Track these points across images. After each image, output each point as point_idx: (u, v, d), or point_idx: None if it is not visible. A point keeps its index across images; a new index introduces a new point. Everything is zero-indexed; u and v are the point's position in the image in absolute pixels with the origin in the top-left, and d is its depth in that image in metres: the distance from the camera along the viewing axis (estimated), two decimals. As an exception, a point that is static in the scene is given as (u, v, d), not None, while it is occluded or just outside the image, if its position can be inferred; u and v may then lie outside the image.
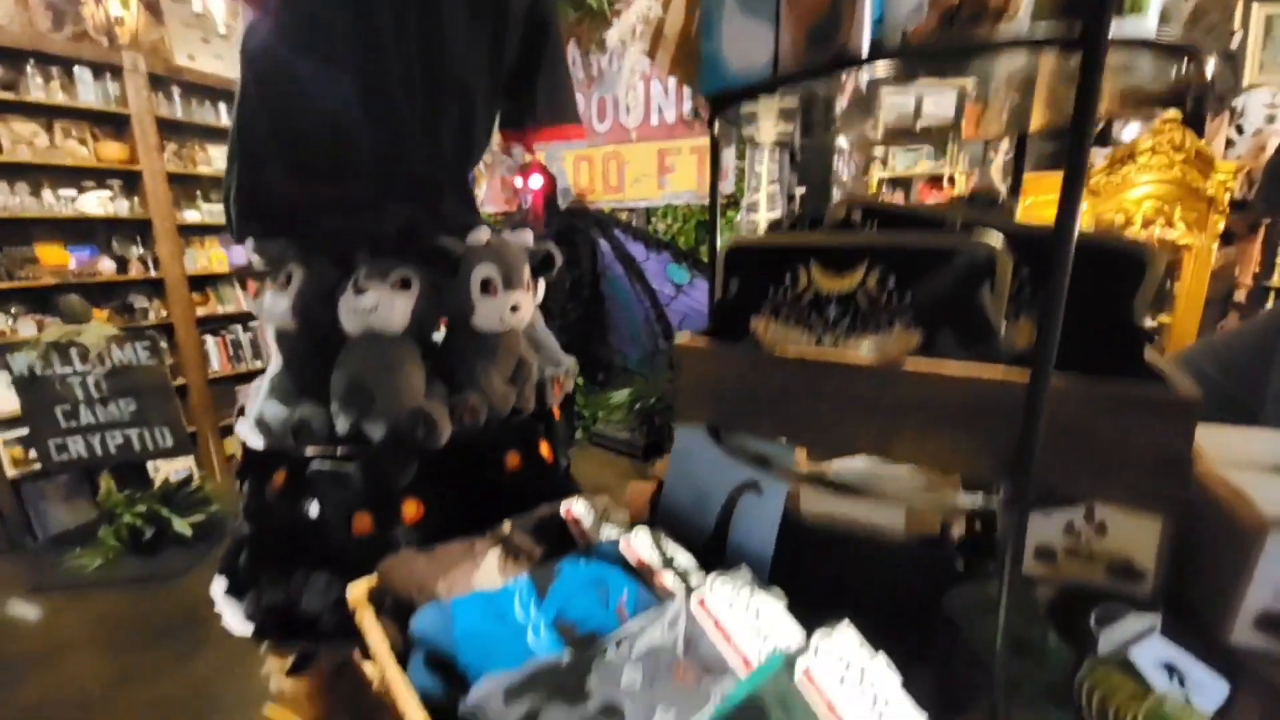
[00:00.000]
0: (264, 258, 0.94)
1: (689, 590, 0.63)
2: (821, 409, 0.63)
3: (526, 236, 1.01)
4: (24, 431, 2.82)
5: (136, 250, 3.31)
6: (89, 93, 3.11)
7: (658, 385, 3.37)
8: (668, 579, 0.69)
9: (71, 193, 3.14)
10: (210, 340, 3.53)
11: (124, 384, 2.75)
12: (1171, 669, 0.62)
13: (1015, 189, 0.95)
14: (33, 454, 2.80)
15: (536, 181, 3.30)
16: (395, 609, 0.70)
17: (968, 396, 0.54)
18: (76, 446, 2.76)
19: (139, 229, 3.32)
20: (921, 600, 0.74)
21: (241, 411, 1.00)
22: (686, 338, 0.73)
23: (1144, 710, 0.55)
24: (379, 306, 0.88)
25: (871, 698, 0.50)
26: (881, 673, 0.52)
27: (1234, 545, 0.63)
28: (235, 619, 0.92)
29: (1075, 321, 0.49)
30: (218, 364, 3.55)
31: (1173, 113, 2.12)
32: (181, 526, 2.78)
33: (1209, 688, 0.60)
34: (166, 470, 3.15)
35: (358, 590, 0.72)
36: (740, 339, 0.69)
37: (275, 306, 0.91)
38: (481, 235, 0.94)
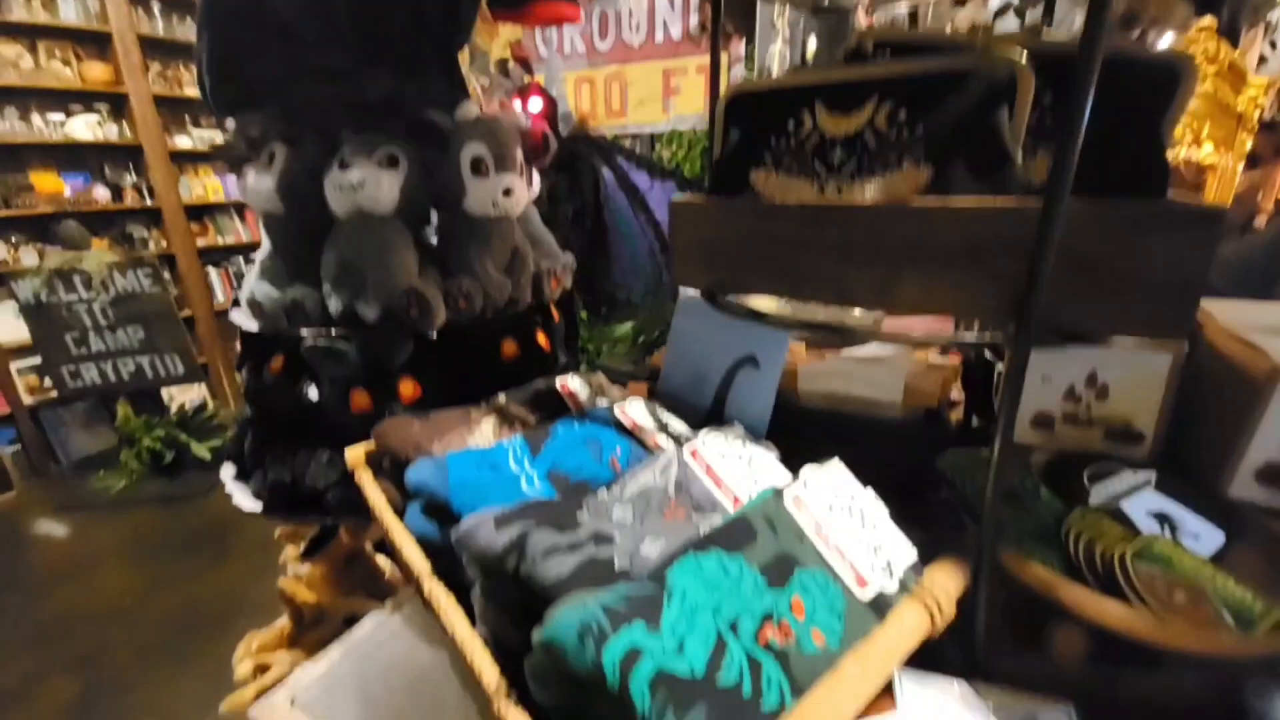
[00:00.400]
0: (244, 137, 0.91)
1: (681, 445, 0.63)
2: (821, 262, 0.60)
3: (519, 118, 0.97)
4: (37, 360, 2.87)
5: (130, 178, 3.26)
6: (70, 10, 2.98)
7: (661, 318, 3.34)
8: (661, 440, 0.69)
9: (60, 117, 3.07)
10: (213, 272, 3.52)
11: (130, 311, 2.76)
12: (1164, 519, 0.62)
13: (1049, 9, 0.90)
14: (48, 382, 2.85)
15: (535, 105, 3.16)
16: (393, 470, 0.71)
17: (976, 231, 0.52)
18: (89, 373, 2.80)
19: (130, 155, 3.25)
20: (918, 473, 0.74)
21: (236, 302, 0.99)
22: (683, 197, 0.70)
23: (1132, 549, 0.55)
24: (366, 183, 0.85)
25: (860, 521, 0.50)
26: (871, 501, 0.52)
27: (1241, 396, 0.61)
28: (245, 498, 0.94)
29: (1096, 142, 0.45)
30: (222, 296, 3.55)
31: (1208, 20, 1.97)
32: (200, 450, 2.86)
33: (1203, 537, 0.60)
34: (181, 398, 3.21)
35: (355, 453, 0.73)
36: (739, 195, 0.66)
37: (259, 186, 0.88)
38: (470, 110, 0.90)
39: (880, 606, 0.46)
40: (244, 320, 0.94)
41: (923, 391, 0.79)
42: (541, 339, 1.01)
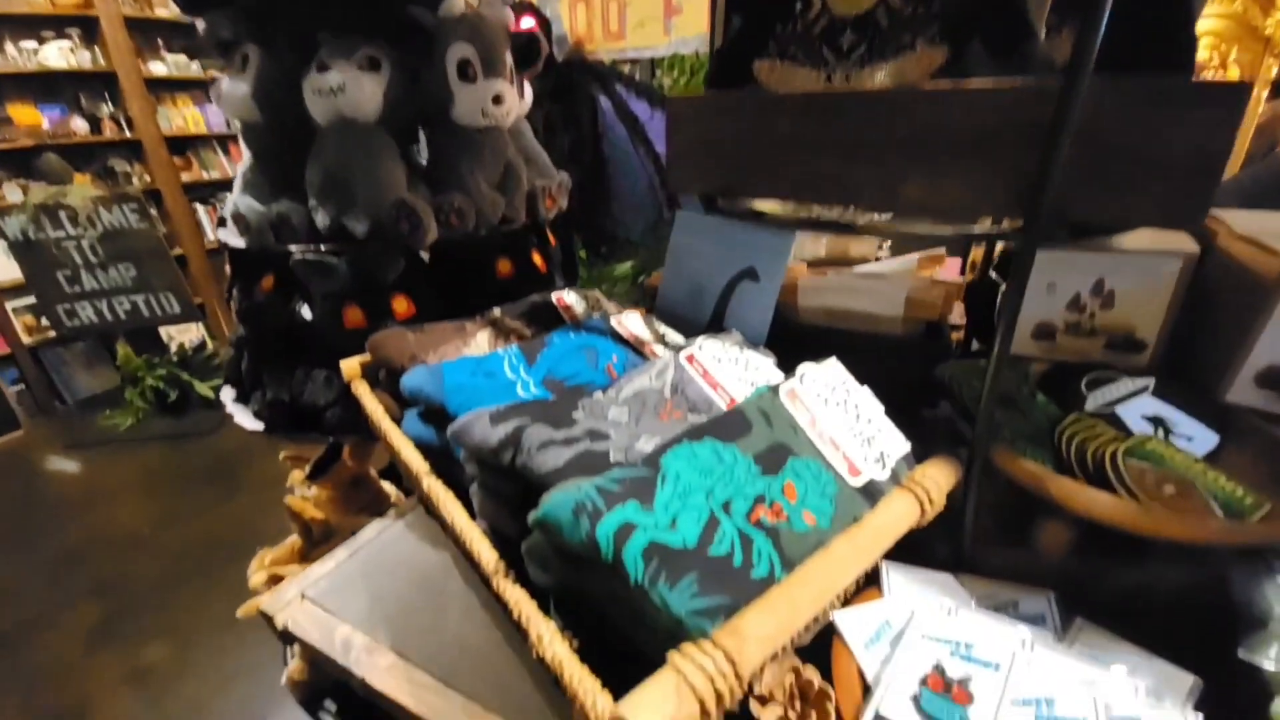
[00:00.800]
0: (214, 39, 0.85)
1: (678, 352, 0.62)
2: (825, 160, 0.58)
3: (505, 13, 0.90)
4: (32, 300, 2.84)
5: (107, 108, 3.12)
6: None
7: (663, 256, 3.28)
8: (658, 350, 0.68)
9: (32, 44, 2.92)
10: (201, 209, 3.43)
11: (119, 248, 2.72)
12: (1158, 422, 0.62)
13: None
14: (45, 321, 2.83)
15: (527, 25, 2.99)
16: (389, 382, 0.71)
17: (989, 116, 0.49)
18: (85, 312, 2.78)
19: (105, 83, 3.11)
20: (917, 388, 0.74)
21: (222, 222, 0.97)
22: (682, 95, 0.66)
23: (1124, 447, 0.55)
24: (346, 87, 0.80)
25: (855, 415, 0.50)
26: (866, 398, 0.52)
27: (1248, 298, 0.60)
28: (246, 418, 0.94)
29: (1122, 13, 0.42)
30: (212, 234, 3.48)
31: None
32: (204, 389, 2.88)
33: (1197, 439, 0.60)
34: (180, 338, 3.21)
35: (351, 365, 0.72)
36: (741, 89, 0.62)
37: (234, 92, 0.84)
38: (456, 4, 0.84)
39: (872, 493, 0.46)
40: (231, 238, 0.92)
41: (924, 304, 0.78)
42: (537, 259, 0.99)
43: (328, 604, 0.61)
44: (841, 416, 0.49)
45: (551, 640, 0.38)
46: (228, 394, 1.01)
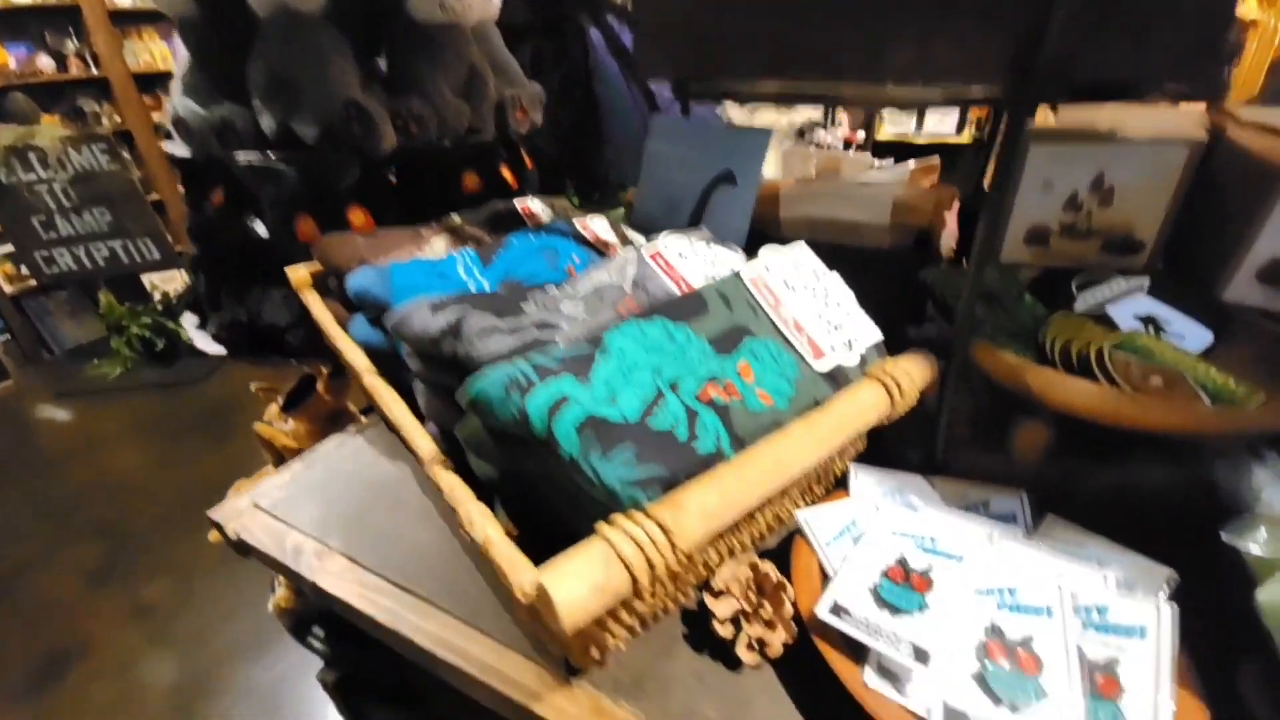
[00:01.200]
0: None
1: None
2: (808, 29, 0.52)
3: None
4: (9, 248, 2.77)
5: (72, 44, 2.98)
6: None
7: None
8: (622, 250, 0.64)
9: (-10, -24, 2.75)
10: (178, 154, 3.31)
11: (92, 191, 2.63)
12: (1150, 321, 0.58)
13: None
14: (24, 270, 2.77)
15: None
16: (340, 292, 0.67)
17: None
18: (64, 259, 2.72)
19: (69, 18, 2.95)
20: (905, 304, 0.70)
21: (169, 135, 0.91)
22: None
23: (1110, 342, 0.52)
24: (287, -28, 0.73)
25: (823, 301, 0.46)
26: (836, 283, 0.48)
27: (1253, 186, 0.55)
28: (207, 343, 0.91)
29: None
30: (192, 180, 3.37)
31: None
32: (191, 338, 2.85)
33: (1190, 337, 0.57)
34: (164, 287, 3.15)
35: (298, 272, 0.68)
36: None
37: (168, -19, 0.77)
38: (403, -122, 0.76)
39: (837, 379, 0.43)
40: (176, 148, 0.86)
41: (912, 209, 0.73)
42: (507, 174, 0.94)
43: (280, 513, 0.59)
44: (808, 301, 0.46)
45: (482, 522, 0.36)
46: (189, 320, 0.98)
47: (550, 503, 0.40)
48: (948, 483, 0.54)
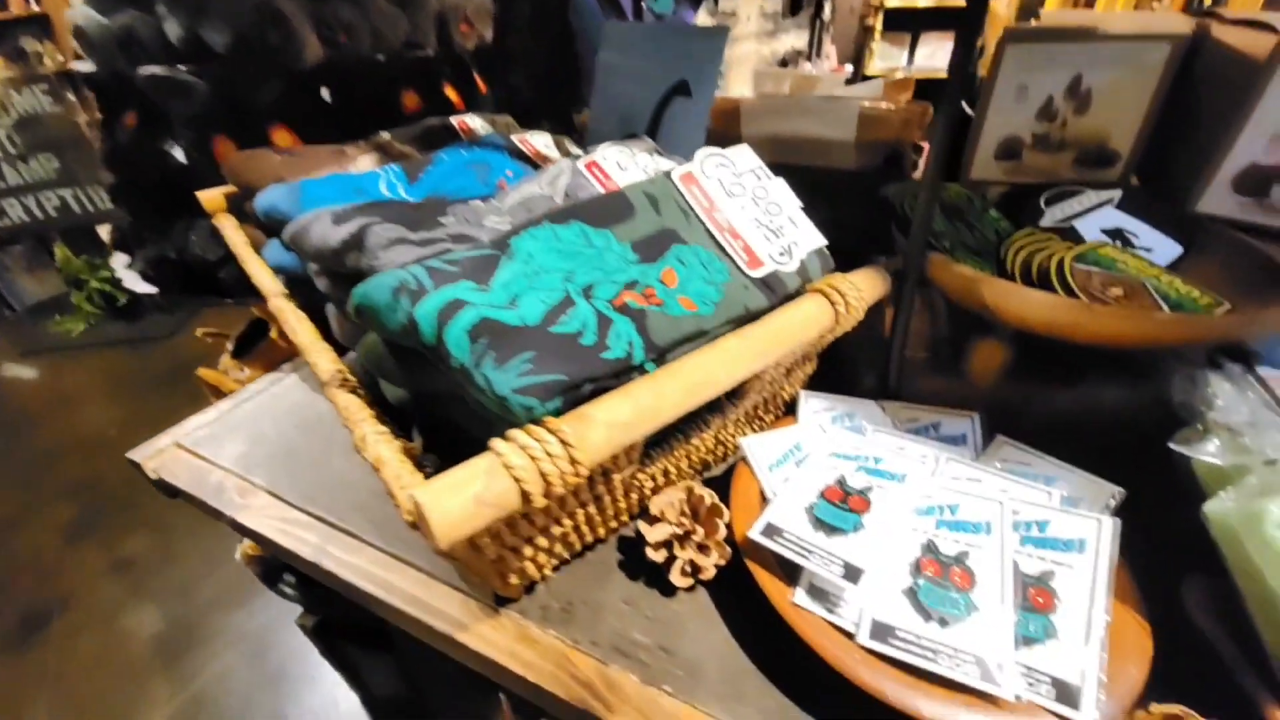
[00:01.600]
0: None
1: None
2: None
3: None
4: (-43, 200, 2.63)
5: (2, -25, 2.73)
6: None
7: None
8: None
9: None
10: (128, 96, 3.11)
11: (38, 137, 2.48)
12: (1117, 234, 0.55)
13: None
14: (-26, 223, 2.64)
15: None
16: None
17: None
18: (14, 211, 2.59)
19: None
20: (873, 231, 0.66)
21: (78, 54, 0.82)
22: None
23: (1072, 254, 0.49)
24: None
25: (764, 207, 0.42)
26: (781, 188, 0.44)
27: (1234, 85, 0.51)
28: (137, 282, 0.86)
29: None
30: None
31: None
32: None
33: (1158, 250, 0.54)
34: (123, 240, 3.03)
35: (211, 196, 0.63)
36: None
37: None
38: None
39: (772, 286, 0.40)
40: (85, 65, 0.78)
41: (879, 123, 0.68)
42: (452, 94, 0.87)
43: (203, 451, 0.56)
44: (747, 205, 0.42)
45: (375, 441, 0.33)
46: (119, 260, 0.92)
47: (463, 424, 0.37)
48: (900, 407, 0.52)
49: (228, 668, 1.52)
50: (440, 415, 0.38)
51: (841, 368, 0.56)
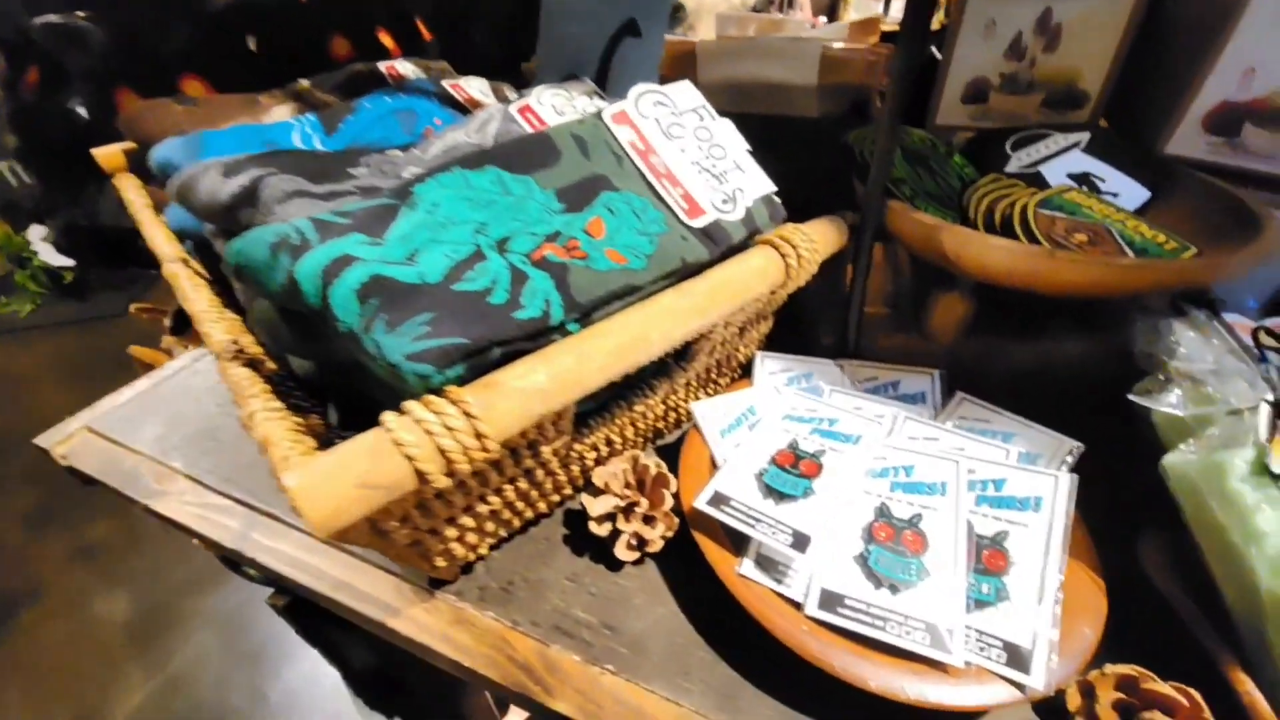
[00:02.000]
0: None
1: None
2: None
3: None
4: None
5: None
6: None
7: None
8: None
9: None
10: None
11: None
12: (1084, 179, 0.52)
13: None
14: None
15: None
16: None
17: None
18: (-62, 185, 2.41)
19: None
20: (837, 182, 0.62)
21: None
22: None
23: (1037, 199, 0.46)
24: None
25: (706, 150, 0.39)
26: (727, 130, 0.40)
27: (1207, 19, 0.48)
28: (53, 254, 0.79)
29: None
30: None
31: None
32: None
33: (1126, 194, 0.51)
34: (65, 215, 2.86)
35: (109, 153, 0.57)
36: None
37: None
38: None
39: (714, 236, 0.36)
40: (-39, 11, 0.69)
41: (842, 65, 0.64)
42: (387, 41, 0.79)
43: (116, 435, 0.52)
44: (688, 148, 0.38)
45: (263, 418, 0.29)
46: (36, 232, 0.84)
47: (376, 397, 0.33)
48: (859, 366, 0.50)
49: (203, 649, 1.50)
50: (351, 388, 0.35)
51: (800, 327, 0.53)
